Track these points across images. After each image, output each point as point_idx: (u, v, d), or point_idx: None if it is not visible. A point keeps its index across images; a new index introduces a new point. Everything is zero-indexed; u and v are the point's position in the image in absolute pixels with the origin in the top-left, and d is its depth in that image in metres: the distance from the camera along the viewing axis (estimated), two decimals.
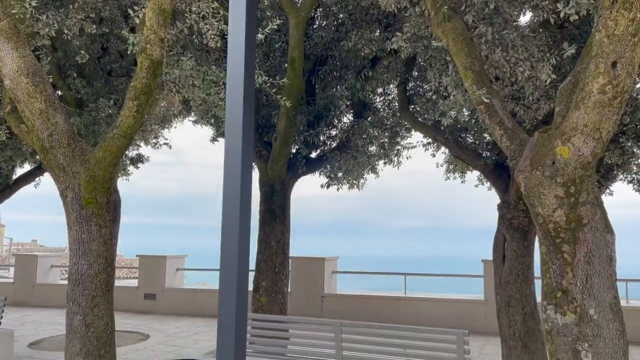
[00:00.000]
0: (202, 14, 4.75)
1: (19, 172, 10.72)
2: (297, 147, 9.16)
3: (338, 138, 9.63)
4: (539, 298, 4.34)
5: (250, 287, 8.43)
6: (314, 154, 9.53)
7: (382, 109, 9.74)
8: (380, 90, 9.68)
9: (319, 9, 9.08)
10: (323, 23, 9.20)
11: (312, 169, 9.48)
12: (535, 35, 5.41)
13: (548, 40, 5.76)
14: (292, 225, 9.04)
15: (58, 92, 8.05)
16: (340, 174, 9.70)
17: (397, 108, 9.19)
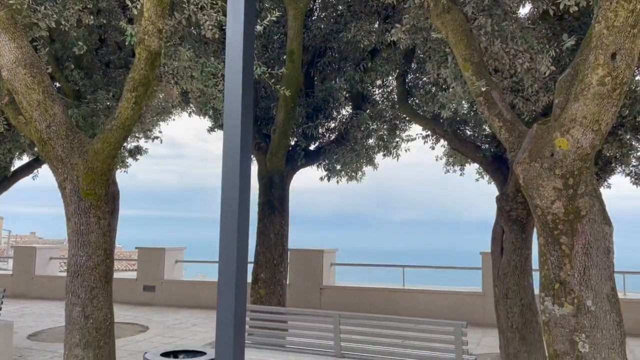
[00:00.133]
0: (200, 5, 4.72)
1: (17, 164, 10.70)
2: (295, 139, 9.15)
3: (337, 130, 9.62)
4: (537, 290, 4.36)
5: (249, 279, 8.45)
6: (313, 146, 9.52)
7: (381, 101, 9.72)
8: (379, 82, 9.65)
9: (318, 1, 9.03)
10: (322, 14, 9.16)
11: (310, 162, 9.48)
12: (535, 27, 5.39)
13: (547, 32, 5.74)
14: (290, 218, 9.06)
15: (56, 83, 8.01)
16: (339, 167, 9.70)
17: (396, 100, 9.17)
